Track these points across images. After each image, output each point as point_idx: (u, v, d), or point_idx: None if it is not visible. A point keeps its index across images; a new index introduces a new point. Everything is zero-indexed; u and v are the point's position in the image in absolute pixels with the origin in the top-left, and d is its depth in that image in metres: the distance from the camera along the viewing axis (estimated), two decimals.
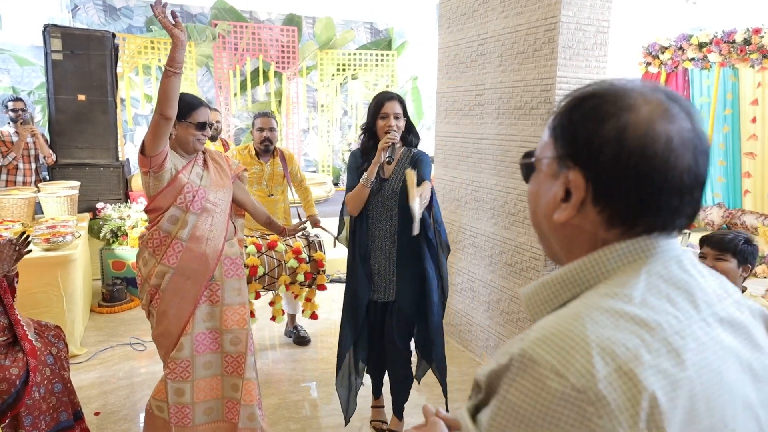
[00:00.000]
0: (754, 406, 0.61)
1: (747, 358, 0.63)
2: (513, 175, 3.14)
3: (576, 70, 2.83)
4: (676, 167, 0.61)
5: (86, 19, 8.47)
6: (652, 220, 0.63)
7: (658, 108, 0.62)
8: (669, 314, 0.59)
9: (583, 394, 0.52)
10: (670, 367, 0.55)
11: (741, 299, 0.68)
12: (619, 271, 0.63)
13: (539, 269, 2.97)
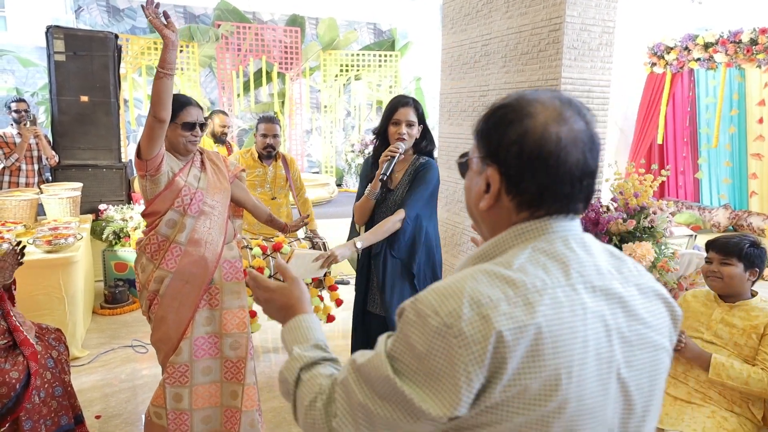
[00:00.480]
0: (616, 362, 0.76)
1: (616, 323, 0.77)
2: None
3: (581, 71, 2.80)
4: (567, 161, 0.77)
5: (90, 20, 8.48)
6: (551, 205, 0.79)
7: (553, 113, 0.78)
8: (537, 278, 0.74)
9: (450, 329, 0.70)
10: (521, 315, 0.70)
11: (632, 278, 0.82)
12: (515, 246, 0.79)
13: None
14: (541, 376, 0.70)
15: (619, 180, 2.63)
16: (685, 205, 5.84)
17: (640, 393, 0.79)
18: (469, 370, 0.69)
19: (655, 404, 0.82)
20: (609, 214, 2.46)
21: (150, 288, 2.13)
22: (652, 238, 2.53)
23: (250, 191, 3.47)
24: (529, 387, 0.70)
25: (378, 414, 0.74)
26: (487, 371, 0.70)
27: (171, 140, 2.10)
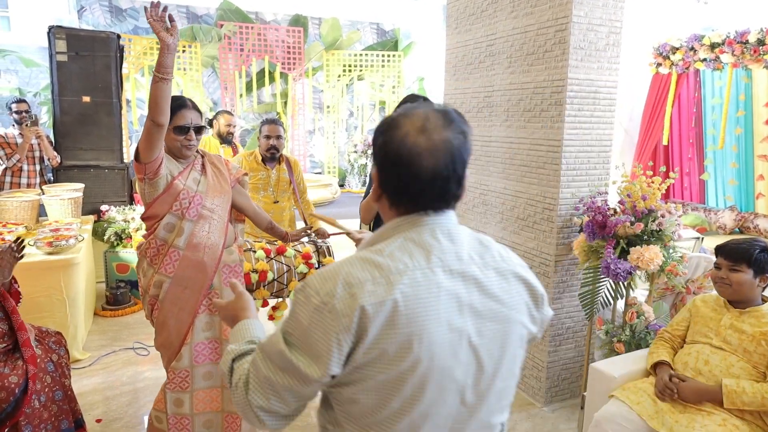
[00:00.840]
0: (466, 332, 0.91)
1: (470, 299, 0.92)
2: (522, 178, 3.08)
3: (588, 71, 2.76)
4: (421, 167, 0.90)
5: (92, 20, 8.47)
6: (408, 202, 0.94)
7: (416, 125, 0.92)
8: (401, 262, 0.90)
9: (326, 305, 0.87)
10: (382, 292, 0.87)
11: (493, 263, 0.97)
12: (392, 236, 0.95)
13: (549, 275, 2.91)
14: (396, 341, 0.87)
15: (627, 182, 2.59)
16: (691, 207, 5.79)
17: (490, 357, 0.95)
18: (339, 338, 0.86)
19: (505, 366, 0.98)
20: (616, 217, 2.42)
21: (150, 293, 2.10)
22: (660, 241, 2.49)
23: (252, 194, 3.43)
24: (387, 350, 0.87)
25: (278, 383, 0.91)
26: (354, 337, 0.87)
27: (167, 144, 2.07)
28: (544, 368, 2.99)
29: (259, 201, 3.47)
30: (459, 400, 0.93)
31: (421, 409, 0.90)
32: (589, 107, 2.81)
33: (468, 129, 0.96)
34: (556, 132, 2.81)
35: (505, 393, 1.00)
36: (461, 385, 0.92)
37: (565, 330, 3.00)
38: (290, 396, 0.92)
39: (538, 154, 2.94)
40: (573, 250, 2.79)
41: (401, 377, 0.88)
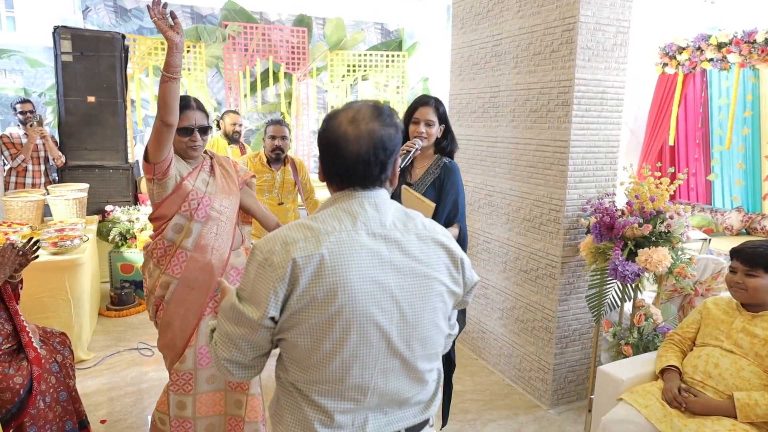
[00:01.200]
0: (387, 284, 1.08)
1: (391, 258, 1.09)
2: (528, 179, 3.06)
3: (595, 71, 2.74)
4: (347, 150, 1.09)
5: (97, 20, 8.48)
6: (339, 180, 1.13)
7: (348, 117, 1.10)
8: (329, 225, 1.08)
9: (267, 261, 1.05)
10: (311, 248, 1.04)
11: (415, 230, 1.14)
12: (328, 207, 1.13)
13: (556, 276, 2.88)
14: (323, 289, 1.04)
15: (635, 183, 2.57)
16: (697, 208, 5.75)
17: (412, 308, 1.11)
18: (276, 286, 1.04)
19: (426, 317, 1.13)
20: (624, 219, 2.40)
21: (156, 293, 2.09)
22: (668, 243, 2.47)
23: (257, 196, 3.45)
24: (316, 296, 1.04)
25: (234, 334, 1.10)
26: (288, 285, 1.04)
27: (174, 145, 2.05)
28: (551, 370, 2.97)
29: (264, 203, 3.45)
30: (385, 345, 1.09)
31: (349, 349, 1.06)
32: (596, 108, 2.78)
33: (398, 123, 1.15)
34: (563, 132, 2.79)
35: (429, 342, 1.16)
36: (385, 330, 1.08)
37: (572, 332, 2.97)
38: (245, 345, 1.10)
39: (545, 155, 2.92)
40: (580, 252, 2.76)
41: (329, 321, 1.05)
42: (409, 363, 1.12)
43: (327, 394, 1.08)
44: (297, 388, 1.11)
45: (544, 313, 2.99)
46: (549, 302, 2.95)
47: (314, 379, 1.08)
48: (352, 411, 1.10)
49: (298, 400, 1.11)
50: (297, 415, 1.11)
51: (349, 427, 1.10)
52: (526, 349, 3.15)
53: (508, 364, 3.32)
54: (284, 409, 1.13)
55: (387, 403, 1.13)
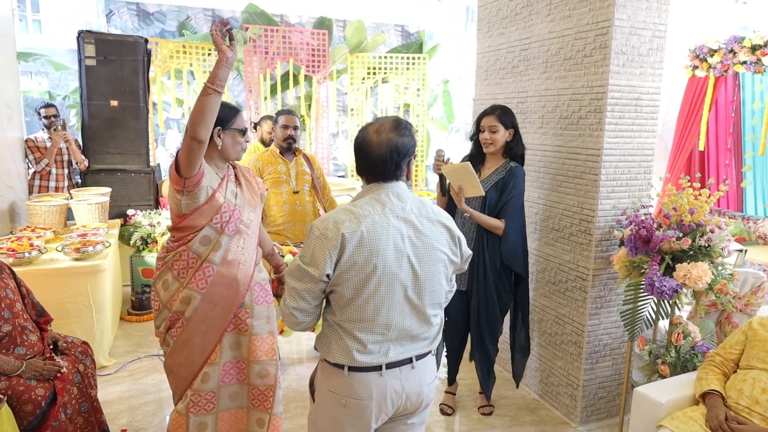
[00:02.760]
0: (406, 252, 1.50)
1: (408, 234, 1.51)
2: (557, 188, 2.96)
3: (630, 77, 2.63)
4: (371, 155, 1.52)
5: (120, 23, 8.56)
6: (367, 175, 1.56)
7: (374, 128, 1.53)
8: (366, 210, 1.49)
9: (323, 234, 1.47)
10: (354, 226, 1.46)
11: (426, 215, 1.56)
12: (363, 196, 1.54)
13: (586, 289, 2.78)
14: (363, 255, 1.46)
15: (673, 195, 2.45)
16: (728, 215, 5.57)
17: (422, 269, 1.53)
18: (331, 253, 1.45)
19: (433, 276, 1.55)
20: (663, 233, 2.29)
21: (174, 308, 1.99)
22: (707, 257, 2.35)
23: (273, 189, 3.40)
24: (357, 261, 1.46)
25: (299, 287, 1.51)
26: (338, 252, 1.45)
27: (227, 148, 2.00)
28: (580, 386, 2.87)
29: (281, 195, 3.43)
30: (403, 294, 1.51)
31: (379, 297, 1.48)
32: (630, 114, 2.68)
33: (413, 134, 1.56)
34: (595, 140, 2.69)
35: (435, 294, 1.57)
36: (404, 284, 1.50)
37: (602, 347, 2.87)
38: (308, 294, 1.50)
39: (576, 163, 2.82)
40: (613, 265, 2.66)
41: (367, 278, 1.47)
42: (419, 308, 1.54)
43: (363, 330, 1.50)
44: (341, 326, 1.52)
45: (574, 326, 2.89)
46: (579, 316, 2.85)
47: (354, 318, 1.49)
48: (379, 342, 1.51)
49: (341, 334, 1.52)
50: (340, 345, 1.52)
51: (377, 354, 1.51)
52: (554, 363, 3.05)
53: (534, 378, 3.22)
54: (331, 341, 1.54)
55: (403, 337, 1.54)
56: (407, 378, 1.55)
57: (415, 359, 1.57)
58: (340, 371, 1.52)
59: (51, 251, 3.39)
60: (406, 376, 1.55)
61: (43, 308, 2.47)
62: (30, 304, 2.40)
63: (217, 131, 1.96)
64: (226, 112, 1.99)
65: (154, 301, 2.08)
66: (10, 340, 2.18)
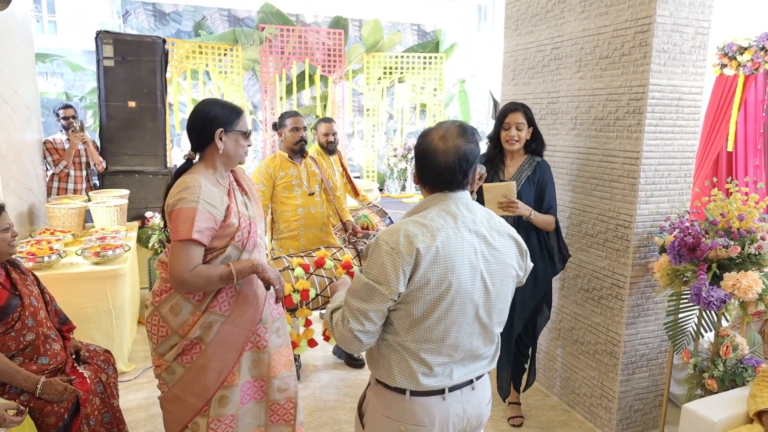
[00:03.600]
0: (479, 269, 1.39)
1: (481, 248, 1.40)
2: (592, 192, 2.85)
3: (671, 76, 2.52)
4: (437, 162, 1.40)
5: (137, 24, 8.54)
6: (431, 184, 1.45)
7: (438, 135, 1.41)
8: (438, 223, 1.37)
9: (393, 249, 1.34)
10: (429, 240, 1.34)
11: (495, 227, 1.46)
12: (429, 207, 1.43)
13: (623, 298, 2.67)
14: (437, 272, 1.33)
15: (720, 199, 2.34)
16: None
17: (494, 286, 1.42)
18: (404, 269, 1.32)
19: (503, 294, 1.45)
20: (713, 240, 2.17)
21: (190, 335, 1.83)
22: (756, 265, 2.23)
23: (288, 194, 3.34)
24: (431, 280, 1.33)
25: (367, 308, 1.36)
26: (412, 268, 1.33)
27: (230, 152, 1.86)
28: (615, 398, 2.75)
29: (295, 199, 3.36)
30: (473, 313, 1.40)
31: (451, 317, 1.37)
32: (671, 115, 2.56)
33: (478, 140, 1.45)
34: (634, 143, 2.57)
35: (503, 313, 1.49)
36: (476, 303, 1.39)
37: (639, 357, 2.75)
38: (375, 315, 1.37)
39: (612, 167, 2.71)
40: (653, 273, 2.54)
41: (440, 296, 1.35)
42: (488, 328, 1.44)
43: (430, 352, 1.39)
44: (405, 347, 1.40)
45: (609, 336, 2.78)
46: (614, 325, 2.74)
47: (422, 339, 1.38)
48: (444, 364, 1.40)
49: (405, 356, 1.40)
50: (404, 367, 1.40)
51: (441, 376, 1.41)
52: (587, 373, 2.94)
53: (566, 388, 3.11)
54: (392, 364, 1.41)
55: (467, 357, 1.44)
56: (468, 400, 1.46)
57: (475, 380, 1.48)
58: (401, 396, 1.41)
59: (70, 255, 3.34)
60: (467, 398, 1.46)
61: (66, 316, 2.41)
62: (53, 311, 2.34)
63: (219, 133, 1.82)
64: (228, 112, 1.85)
65: (159, 326, 1.88)
66: (34, 349, 2.11)
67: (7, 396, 1.97)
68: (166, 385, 1.94)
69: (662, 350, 2.78)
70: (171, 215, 1.75)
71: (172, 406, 1.92)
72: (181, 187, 1.77)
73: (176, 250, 1.72)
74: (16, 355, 2.06)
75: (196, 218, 1.71)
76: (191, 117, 1.87)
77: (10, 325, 2.05)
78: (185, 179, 1.79)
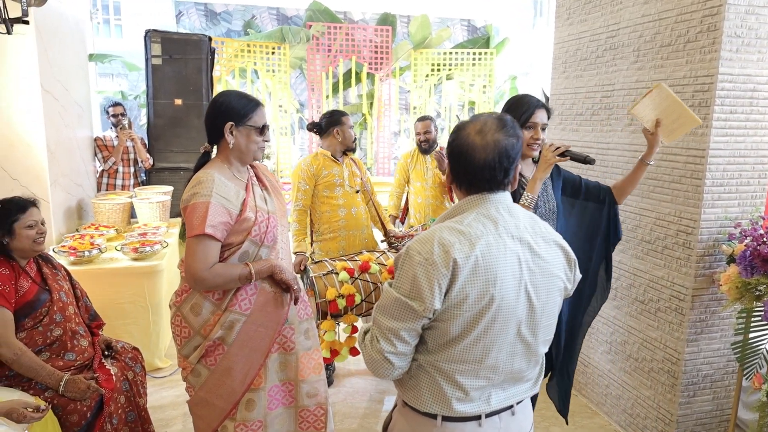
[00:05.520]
0: (524, 281, 1.23)
1: (525, 257, 1.24)
2: (649, 194, 2.60)
3: (744, 64, 2.24)
4: (474, 159, 1.24)
5: (189, 24, 8.76)
6: (468, 185, 1.28)
7: (476, 128, 1.25)
8: (477, 229, 1.22)
9: (427, 260, 1.18)
10: (467, 249, 1.19)
11: (540, 233, 1.29)
12: (466, 211, 1.27)
13: (684, 311, 2.41)
14: (477, 286, 1.18)
15: None
16: None
17: (539, 300, 1.26)
18: (440, 282, 1.17)
19: (549, 308, 1.29)
20: None
21: (213, 335, 1.77)
22: None
23: (330, 193, 3.24)
24: (470, 294, 1.18)
25: (398, 327, 1.21)
26: (449, 280, 1.18)
27: (241, 147, 1.78)
28: (674, 422, 2.49)
29: (337, 199, 3.24)
30: (516, 331, 1.24)
31: (491, 336, 1.21)
32: (743, 108, 2.28)
33: (520, 134, 1.27)
34: (699, 140, 2.31)
35: (549, 330, 1.31)
36: (519, 319, 1.23)
37: (702, 378, 2.48)
38: (407, 334, 1.22)
39: (674, 166, 2.45)
40: (719, 285, 2.27)
41: (480, 313, 1.19)
42: (532, 347, 1.28)
43: (466, 374, 1.23)
44: (437, 368, 1.24)
45: (666, 353, 2.52)
46: (673, 341, 2.48)
47: (457, 360, 1.22)
48: (482, 388, 1.25)
49: (437, 378, 1.24)
50: (435, 392, 1.24)
51: (477, 401, 1.25)
52: (641, 392, 2.69)
53: (616, 407, 2.86)
54: (422, 386, 1.26)
55: (508, 380, 1.28)
56: (507, 427, 1.30)
57: (515, 404, 1.31)
58: (432, 421, 1.26)
59: (111, 250, 3.38)
60: (506, 425, 1.30)
61: (96, 312, 2.40)
62: (83, 307, 2.34)
63: (230, 127, 1.73)
64: (243, 104, 1.76)
65: (182, 327, 1.86)
66: (61, 345, 2.11)
67: (32, 392, 1.97)
68: (193, 389, 1.89)
69: (729, 371, 2.50)
70: (185, 211, 1.70)
71: (200, 410, 1.88)
72: (194, 182, 1.73)
73: (192, 247, 1.67)
74: (44, 350, 2.06)
75: (209, 212, 1.66)
76: (207, 108, 1.81)
77: (39, 319, 2.05)
78: (199, 174, 1.75)
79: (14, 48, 3.23)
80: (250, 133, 1.78)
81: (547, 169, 2.00)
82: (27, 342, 2.01)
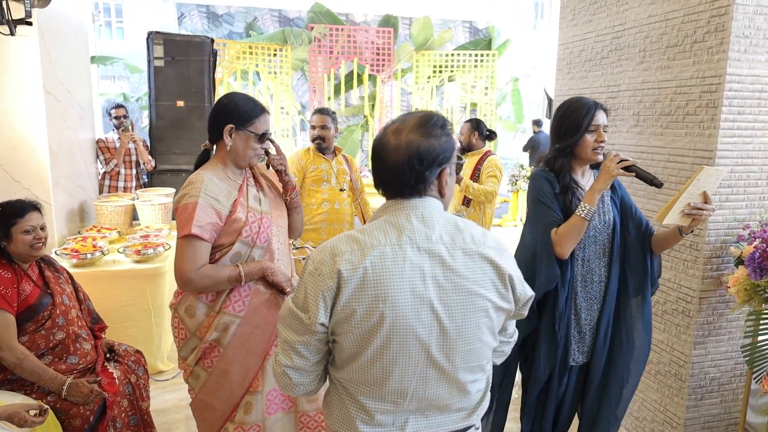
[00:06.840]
0: (428, 298, 1.09)
1: (433, 272, 1.10)
2: (656, 195, 2.58)
3: (753, 65, 2.22)
4: (385, 161, 1.13)
5: (191, 26, 8.76)
6: (383, 189, 1.18)
7: (393, 128, 1.15)
8: (375, 238, 1.11)
9: (316, 270, 1.11)
10: (356, 260, 1.08)
11: (461, 245, 1.13)
12: (377, 217, 1.17)
13: (691, 314, 2.39)
14: (365, 301, 1.08)
15: None
16: None
17: (453, 322, 1.11)
18: (325, 294, 1.09)
19: (468, 331, 1.13)
20: None
21: (208, 337, 1.75)
22: None
23: (316, 187, 3.35)
24: (357, 309, 1.08)
25: (292, 340, 1.14)
26: (334, 294, 1.09)
27: (237, 151, 1.75)
28: (680, 425, 2.47)
29: (321, 193, 3.38)
30: (425, 356, 1.11)
31: (388, 357, 1.10)
32: (752, 110, 2.26)
33: (446, 134, 1.14)
34: (707, 141, 2.29)
35: (472, 355, 1.15)
36: (425, 342, 1.10)
37: (709, 381, 2.46)
38: (303, 348, 1.14)
39: (681, 167, 2.43)
40: (727, 287, 2.25)
41: (371, 331, 1.09)
42: (449, 374, 1.14)
43: (369, 395, 1.14)
44: (344, 386, 1.17)
45: (673, 355, 2.50)
46: (680, 344, 2.45)
47: (358, 380, 1.14)
48: (392, 412, 1.15)
49: (344, 397, 1.17)
50: (342, 411, 1.17)
51: (390, 426, 1.15)
52: (647, 395, 2.66)
53: None
54: (333, 404, 1.21)
55: (427, 407, 1.16)
56: None
57: None
58: None
59: (113, 252, 3.37)
60: None
61: (99, 315, 2.39)
62: (86, 310, 2.32)
63: (229, 129, 1.72)
64: (247, 108, 1.73)
65: (179, 328, 1.84)
66: (63, 348, 2.09)
67: (35, 395, 1.95)
68: (193, 391, 1.89)
69: (737, 374, 2.47)
70: (176, 212, 1.72)
71: (201, 412, 1.87)
72: (186, 183, 1.75)
73: (180, 248, 1.68)
74: (46, 353, 2.04)
75: (196, 213, 1.66)
76: (213, 106, 1.82)
77: (41, 323, 2.04)
78: (191, 176, 1.76)
79: (17, 49, 3.21)
80: (249, 138, 1.76)
81: (608, 181, 1.80)
82: (29, 346, 1.99)
